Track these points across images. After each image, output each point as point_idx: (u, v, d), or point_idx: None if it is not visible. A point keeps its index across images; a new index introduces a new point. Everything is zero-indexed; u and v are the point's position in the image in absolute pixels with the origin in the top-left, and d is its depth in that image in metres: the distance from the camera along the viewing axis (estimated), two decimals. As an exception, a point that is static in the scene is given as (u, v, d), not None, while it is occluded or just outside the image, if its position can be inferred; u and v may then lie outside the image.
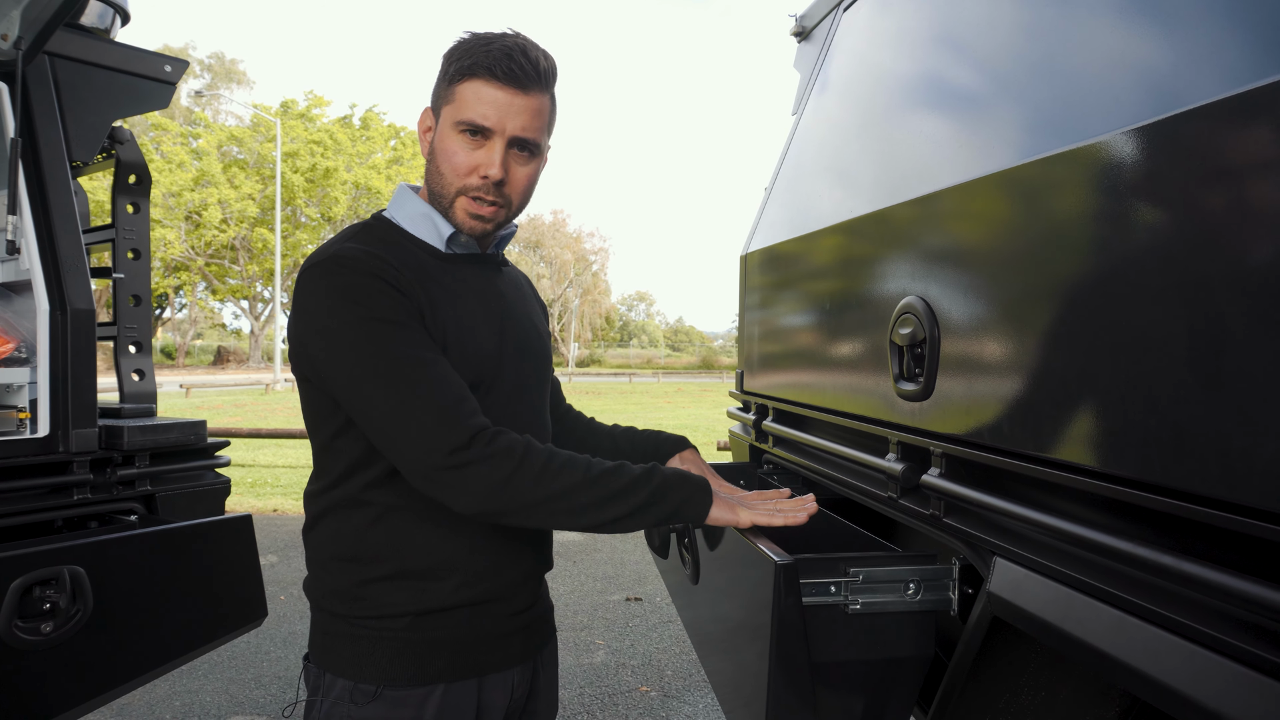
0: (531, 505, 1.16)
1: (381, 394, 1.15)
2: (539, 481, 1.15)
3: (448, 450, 1.13)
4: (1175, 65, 0.97)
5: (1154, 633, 0.88)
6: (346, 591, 1.28)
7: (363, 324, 1.18)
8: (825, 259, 1.85)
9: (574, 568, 6.06)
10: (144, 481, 2.35)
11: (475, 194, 1.29)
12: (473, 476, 1.13)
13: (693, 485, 1.28)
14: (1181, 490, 0.86)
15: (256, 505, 8.03)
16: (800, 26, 2.75)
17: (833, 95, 2.19)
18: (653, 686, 3.98)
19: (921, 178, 1.47)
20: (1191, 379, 0.85)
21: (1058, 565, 1.05)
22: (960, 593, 1.33)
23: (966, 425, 1.24)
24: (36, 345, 2.19)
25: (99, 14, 2.72)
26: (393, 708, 1.25)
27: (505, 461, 1.14)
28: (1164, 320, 0.88)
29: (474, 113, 1.26)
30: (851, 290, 1.68)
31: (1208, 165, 0.84)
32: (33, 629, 1.75)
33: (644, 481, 1.22)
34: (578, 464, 1.19)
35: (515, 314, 1.42)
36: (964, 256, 1.29)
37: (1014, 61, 1.34)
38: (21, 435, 2.16)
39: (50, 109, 2.36)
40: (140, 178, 2.91)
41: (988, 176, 1.23)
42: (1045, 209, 1.11)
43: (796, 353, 2.00)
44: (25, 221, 2.22)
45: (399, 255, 1.28)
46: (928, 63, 1.69)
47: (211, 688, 3.85)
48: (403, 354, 1.17)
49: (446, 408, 1.15)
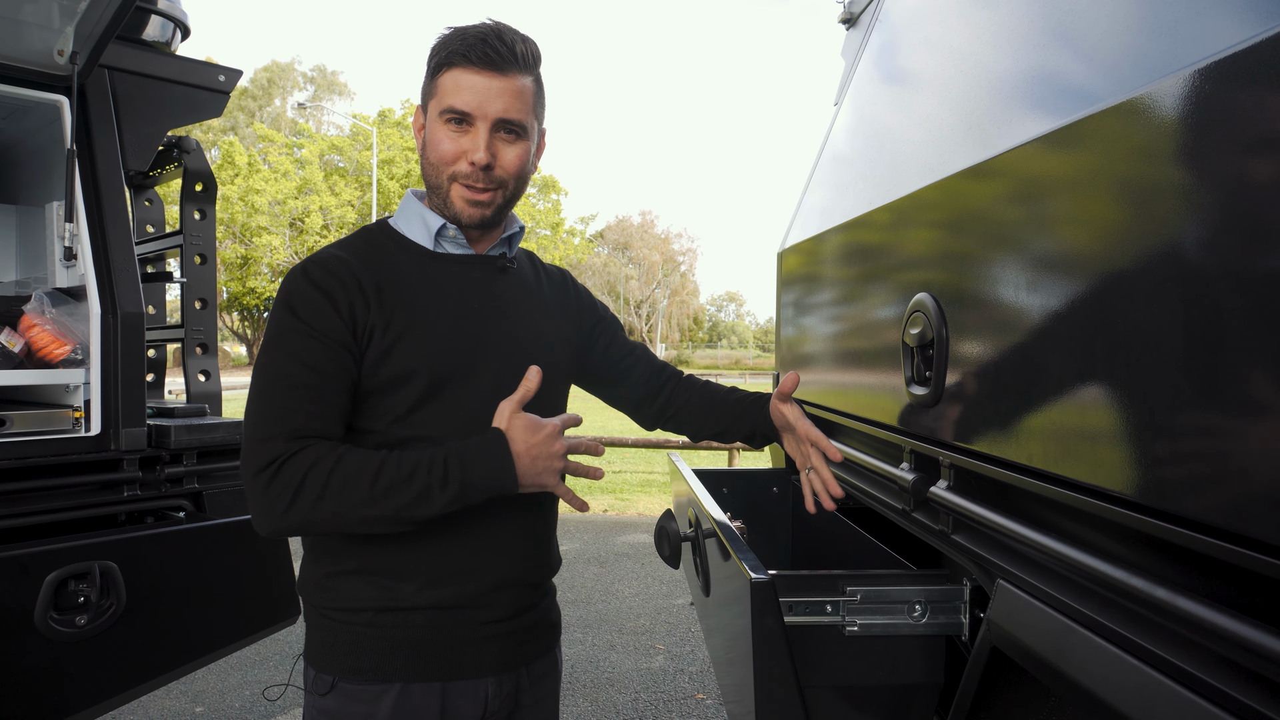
0: (317, 525, 1.18)
1: (251, 399, 1.22)
2: (317, 506, 1.16)
3: (250, 475, 1.18)
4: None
5: (1163, 683, 0.77)
6: (318, 583, 1.31)
7: (277, 328, 1.24)
8: (847, 256, 1.75)
9: (640, 569, 6.02)
10: (191, 479, 2.42)
11: (466, 181, 1.30)
12: (261, 503, 1.17)
13: (492, 461, 1.21)
14: (1208, 525, 0.74)
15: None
16: (848, 14, 2.64)
17: (872, 85, 2.08)
18: (709, 694, 3.90)
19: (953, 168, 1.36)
20: (1236, 398, 0.72)
21: (1064, 596, 0.94)
22: (972, 616, 1.22)
23: (972, 434, 1.14)
24: (90, 347, 2.28)
25: (160, 28, 2.83)
26: (348, 701, 1.26)
27: (285, 491, 1.16)
28: (1210, 332, 0.76)
29: (454, 99, 1.27)
30: (870, 288, 1.58)
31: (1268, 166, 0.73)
32: (67, 621, 1.82)
33: (440, 482, 1.18)
34: (363, 476, 1.17)
35: (511, 316, 1.38)
36: (970, 255, 1.18)
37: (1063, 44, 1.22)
38: (75, 434, 2.25)
39: (107, 121, 2.46)
40: (206, 186, 3.01)
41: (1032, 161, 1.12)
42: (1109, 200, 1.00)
43: (825, 353, 1.91)
44: (81, 229, 2.32)
45: (372, 258, 1.30)
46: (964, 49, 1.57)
47: (280, 678, 3.97)
48: (280, 365, 1.21)
49: (273, 425, 1.19)
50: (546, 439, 1.22)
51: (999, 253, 1.13)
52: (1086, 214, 0.94)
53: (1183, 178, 0.78)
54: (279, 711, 3.61)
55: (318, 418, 1.20)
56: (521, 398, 1.26)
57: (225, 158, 34.25)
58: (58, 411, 2.26)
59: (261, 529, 1.19)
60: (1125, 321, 0.85)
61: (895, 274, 1.46)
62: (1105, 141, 0.91)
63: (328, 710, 1.27)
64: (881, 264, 1.54)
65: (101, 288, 2.31)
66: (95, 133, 2.41)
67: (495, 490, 1.21)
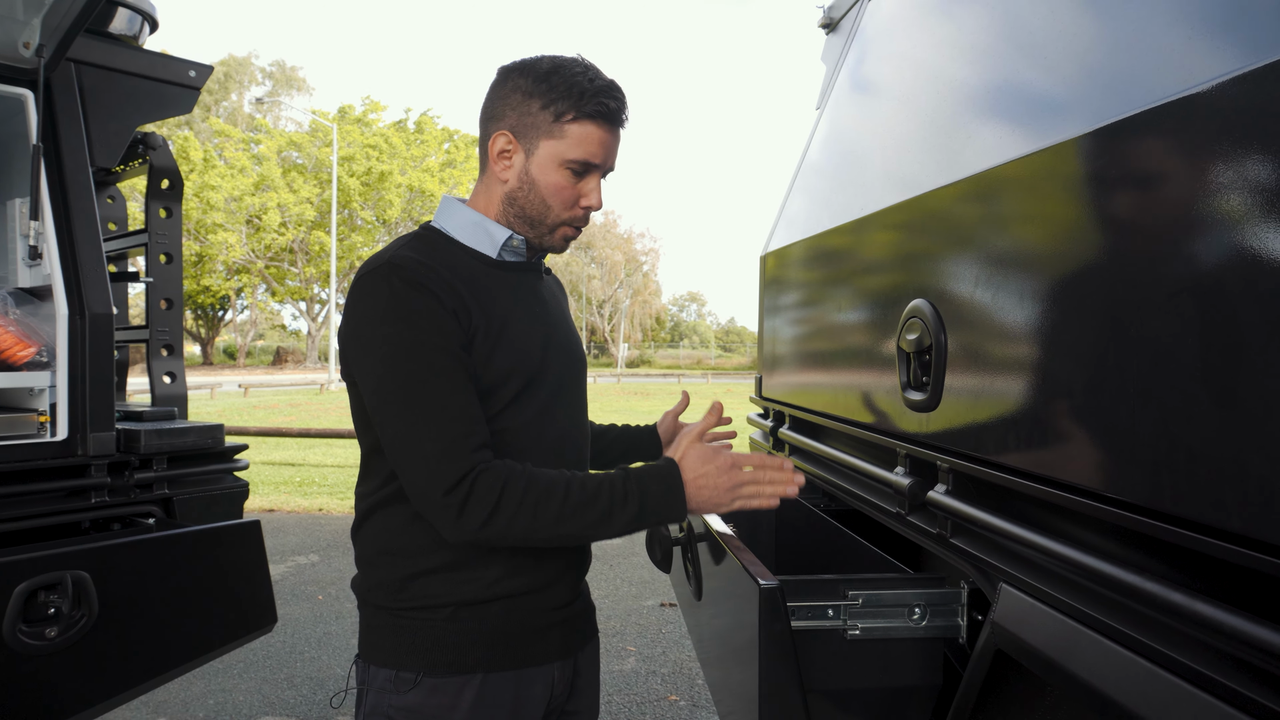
0: (510, 539, 1.24)
1: (398, 415, 1.23)
2: (513, 521, 1.22)
3: (442, 491, 1.21)
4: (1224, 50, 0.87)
5: (1173, 682, 0.78)
6: (392, 584, 1.34)
7: (399, 341, 1.24)
8: (834, 260, 1.76)
9: (610, 571, 6.01)
10: (161, 485, 2.36)
11: (577, 224, 1.39)
12: (457, 516, 1.21)
13: (665, 486, 1.28)
14: (1211, 526, 0.76)
15: (303, 504, 8.15)
16: (828, 19, 2.66)
17: (856, 90, 2.10)
18: (682, 696, 3.90)
19: (951, 173, 1.38)
20: (1233, 398, 0.75)
21: (1069, 598, 0.96)
22: (970, 619, 1.24)
23: (973, 439, 1.15)
24: (56, 349, 2.21)
25: (127, 21, 2.76)
26: (431, 695, 1.30)
27: (483, 505, 1.21)
28: (1206, 334, 0.78)
29: (588, 154, 1.34)
30: (862, 293, 1.59)
31: (1259, 167, 0.75)
32: (37, 633, 1.76)
33: (620, 501, 1.26)
34: (555, 493, 1.24)
35: (555, 317, 1.48)
36: (976, 259, 1.19)
37: (1050, 52, 1.24)
38: (41, 439, 2.18)
39: (74, 115, 2.39)
40: (173, 183, 2.94)
41: (1023, 170, 1.14)
42: (1088, 205, 1.01)
43: (811, 357, 1.92)
44: (47, 227, 2.25)
45: (450, 262, 1.33)
46: (951, 54, 1.59)
47: (245, 687, 3.88)
48: (427, 378, 1.23)
49: (451, 442, 1.22)
50: (717, 470, 1.29)
51: (995, 259, 1.14)
52: (1084, 220, 0.96)
53: (1183, 178, 0.80)
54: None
55: (480, 422, 1.26)
56: (702, 430, 1.36)
57: (180, 153, 33.49)
58: (22, 415, 2.19)
59: (455, 539, 1.25)
60: (1129, 325, 0.86)
61: (888, 279, 1.47)
62: (1106, 151, 0.92)
63: (409, 707, 1.31)
64: (874, 270, 1.56)
65: (69, 288, 2.24)
66: (61, 128, 2.34)
67: (665, 517, 1.29)
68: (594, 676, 1.53)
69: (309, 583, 5.56)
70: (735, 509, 1.33)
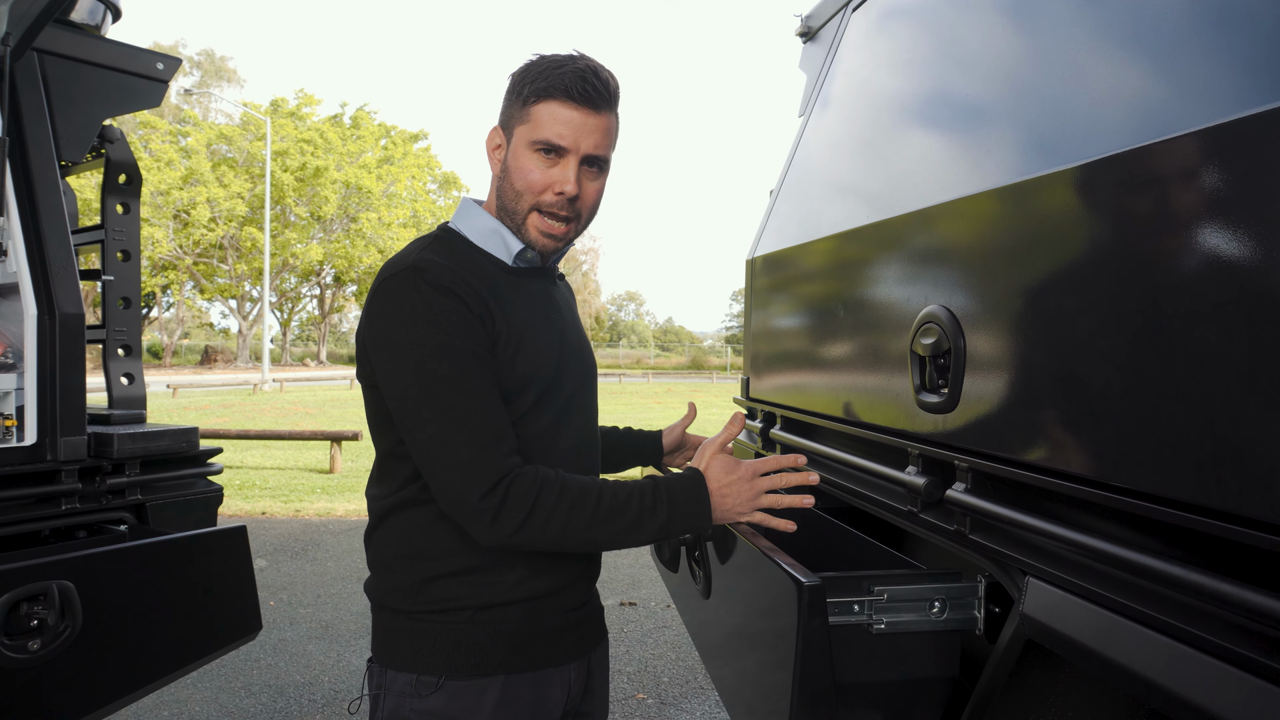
0: (542, 543, 1.25)
1: (431, 419, 1.23)
2: (545, 527, 1.23)
3: (478, 495, 1.21)
4: (1226, 65, 0.93)
5: (1208, 661, 0.84)
6: (411, 588, 1.33)
7: (429, 345, 1.23)
8: (838, 265, 1.81)
9: (568, 572, 6.00)
10: (134, 490, 2.29)
11: (549, 210, 1.35)
12: (492, 521, 1.22)
13: (692, 496, 1.31)
14: (1230, 513, 0.82)
15: (244, 508, 7.93)
16: (806, 27, 2.71)
17: (843, 97, 2.15)
18: (649, 694, 3.93)
19: (941, 183, 1.43)
20: (1244, 391, 0.81)
21: (1096, 587, 1.01)
22: (986, 611, 1.29)
23: (995, 439, 1.20)
24: (24, 351, 2.13)
25: (89, 9, 2.66)
26: (454, 698, 1.30)
27: (518, 509, 1.22)
28: (1213, 328, 0.84)
29: (550, 132, 1.31)
30: (867, 298, 1.64)
31: (1263, 174, 0.80)
32: (20, 647, 1.69)
33: (650, 510, 1.28)
34: (587, 500, 1.25)
35: (568, 322, 1.49)
36: (992, 264, 1.25)
37: (1031, 62, 1.30)
38: (8, 444, 2.09)
39: (39, 107, 2.30)
40: (131, 177, 2.84)
41: (1012, 184, 1.19)
42: (1070, 215, 1.06)
43: (807, 359, 1.96)
44: (12, 223, 2.16)
45: (471, 267, 1.33)
46: (939, 64, 1.65)
47: (200, 696, 3.78)
48: (459, 383, 1.23)
49: (485, 446, 1.22)
50: (740, 480, 1.33)
51: (1008, 264, 1.19)
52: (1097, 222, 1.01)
53: (1182, 177, 0.86)
54: (206, 731, 3.44)
55: (509, 427, 1.27)
56: (724, 441, 1.39)
57: (101, 144, 32.12)
58: (-13, 420, 2.10)
59: (487, 543, 1.26)
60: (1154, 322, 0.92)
61: (899, 285, 1.52)
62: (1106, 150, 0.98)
63: (432, 710, 1.30)
64: (881, 276, 1.60)
65: (37, 287, 2.16)
66: (26, 120, 2.25)
67: (691, 527, 1.31)
68: (605, 676, 1.55)
69: (259, 588, 5.42)
70: (756, 520, 1.37)
